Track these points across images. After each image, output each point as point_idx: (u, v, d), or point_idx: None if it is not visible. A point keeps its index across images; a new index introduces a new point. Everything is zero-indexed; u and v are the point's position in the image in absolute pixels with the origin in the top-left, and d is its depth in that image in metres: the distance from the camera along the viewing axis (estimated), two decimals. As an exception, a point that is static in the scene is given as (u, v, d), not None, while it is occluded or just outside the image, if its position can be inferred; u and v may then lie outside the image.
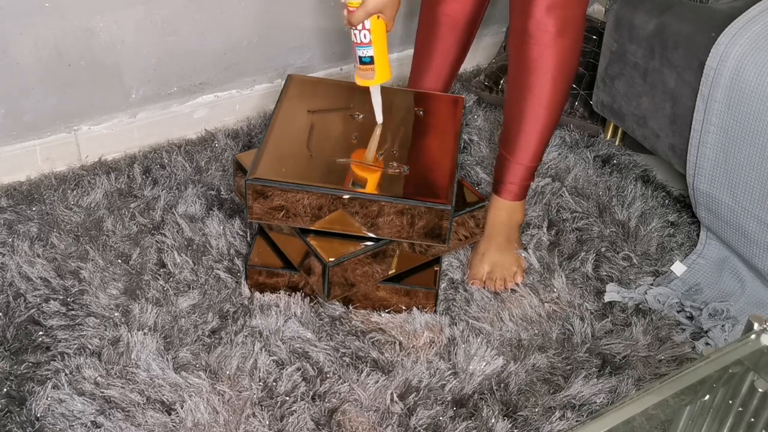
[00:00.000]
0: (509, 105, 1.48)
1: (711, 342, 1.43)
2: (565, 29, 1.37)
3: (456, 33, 1.61)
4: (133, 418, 1.24)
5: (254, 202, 1.35)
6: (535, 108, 1.45)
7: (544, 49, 1.39)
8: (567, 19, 1.37)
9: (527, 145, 1.49)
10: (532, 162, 1.51)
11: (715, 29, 1.49)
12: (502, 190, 1.54)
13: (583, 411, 1.30)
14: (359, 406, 1.28)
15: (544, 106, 1.44)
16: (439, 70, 1.66)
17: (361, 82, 1.44)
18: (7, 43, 1.56)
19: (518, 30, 1.40)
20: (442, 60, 1.65)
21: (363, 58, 1.41)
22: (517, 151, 1.50)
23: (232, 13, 1.78)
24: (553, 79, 1.41)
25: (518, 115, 1.47)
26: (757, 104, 1.41)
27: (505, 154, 1.52)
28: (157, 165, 1.73)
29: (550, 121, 1.47)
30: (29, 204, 1.61)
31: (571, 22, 1.38)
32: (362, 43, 1.39)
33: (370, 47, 1.39)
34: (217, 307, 1.43)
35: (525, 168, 1.52)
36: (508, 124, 1.50)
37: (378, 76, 1.42)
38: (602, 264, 1.57)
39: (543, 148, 1.51)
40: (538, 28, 1.37)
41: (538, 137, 1.48)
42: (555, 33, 1.37)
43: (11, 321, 1.38)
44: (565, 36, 1.38)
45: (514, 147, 1.50)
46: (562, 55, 1.40)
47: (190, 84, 1.82)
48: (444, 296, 1.49)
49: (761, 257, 1.47)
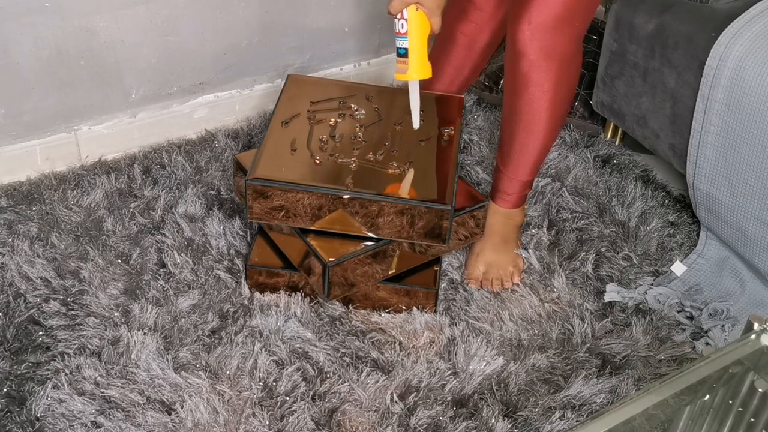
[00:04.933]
0: (505, 120, 1.48)
1: (711, 342, 1.43)
2: (552, 54, 1.35)
3: (471, 53, 1.59)
4: (133, 418, 1.24)
5: (254, 202, 1.35)
6: (532, 126, 1.43)
7: (532, 69, 1.37)
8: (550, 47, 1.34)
9: (520, 160, 1.48)
10: (526, 176, 1.51)
11: (715, 29, 1.49)
12: (499, 199, 1.55)
13: (583, 411, 1.30)
14: (359, 406, 1.28)
15: (542, 126, 1.43)
16: (448, 87, 1.64)
17: (397, 76, 1.39)
18: (7, 43, 1.56)
19: (510, 48, 1.39)
20: (452, 76, 1.63)
21: (399, 49, 1.36)
22: (511, 166, 1.50)
23: (232, 13, 1.78)
24: (545, 98, 1.39)
25: (511, 132, 1.46)
26: (757, 104, 1.41)
27: (502, 168, 1.52)
28: (157, 165, 1.73)
29: (542, 140, 1.45)
30: (29, 204, 1.61)
31: (557, 51, 1.35)
32: (399, 33, 1.35)
33: (405, 38, 1.34)
34: (217, 307, 1.42)
35: (520, 182, 1.52)
36: (505, 138, 1.49)
37: (411, 71, 1.37)
38: (602, 264, 1.57)
39: (537, 163, 1.49)
40: (524, 50, 1.36)
41: (532, 153, 1.47)
42: (542, 56, 1.35)
43: (11, 321, 1.38)
44: (552, 59, 1.36)
45: (508, 162, 1.50)
46: (553, 76, 1.37)
47: (190, 84, 1.82)
48: (444, 296, 1.49)
49: (761, 257, 1.47)
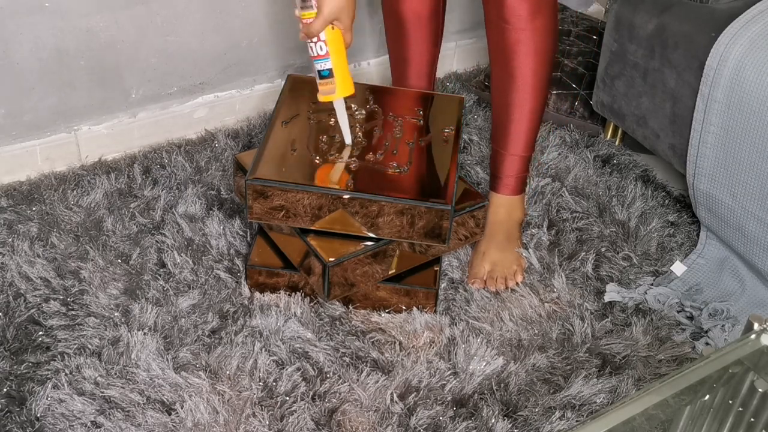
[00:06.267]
0: (496, 97, 1.50)
1: (711, 342, 1.43)
2: (538, 11, 1.39)
3: (423, 27, 1.61)
4: (133, 418, 1.24)
5: (254, 202, 1.35)
6: (521, 94, 1.46)
7: (520, 33, 1.40)
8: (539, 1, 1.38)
9: (518, 133, 1.50)
10: (525, 152, 1.52)
11: (715, 29, 1.49)
12: (500, 185, 1.55)
13: (583, 411, 1.30)
14: (359, 406, 1.28)
15: (529, 91, 1.46)
16: (419, 68, 1.66)
17: (323, 97, 1.39)
18: (7, 43, 1.56)
19: (493, 19, 1.42)
20: (418, 57, 1.65)
21: (321, 71, 1.36)
22: (510, 143, 1.51)
23: (232, 13, 1.78)
24: (533, 61, 1.43)
25: (505, 105, 1.48)
26: (757, 104, 1.41)
27: (498, 149, 1.53)
28: (157, 165, 1.73)
29: (536, 105, 1.48)
30: (29, 204, 1.61)
31: (544, 4, 1.40)
32: (319, 56, 1.35)
33: (328, 59, 1.35)
34: (217, 307, 1.42)
35: (519, 158, 1.52)
36: (497, 116, 1.51)
37: (339, 90, 1.38)
38: (602, 264, 1.57)
39: (534, 135, 1.52)
40: (512, 14, 1.39)
41: (528, 124, 1.49)
42: (528, 16, 1.39)
43: (11, 321, 1.38)
44: (538, 17, 1.40)
45: (506, 138, 1.51)
46: (539, 36, 1.41)
47: (190, 84, 1.82)
48: (444, 296, 1.49)
49: (761, 257, 1.47)
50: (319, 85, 1.39)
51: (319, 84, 1.39)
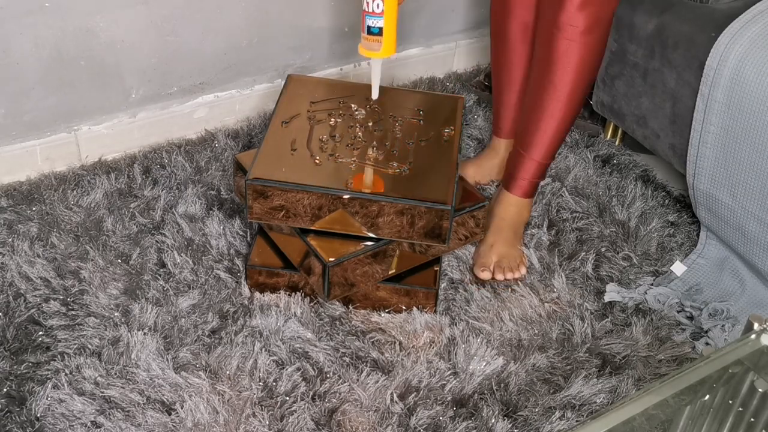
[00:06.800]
0: (529, 99, 1.50)
1: (711, 342, 1.43)
2: (594, 26, 1.40)
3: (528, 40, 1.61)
4: (133, 418, 1.24)
5: (254, 202, 1.35)
6: (555, 103, 1.47)
7: (570, 44, 1.41)
8: (599, 15, 1.39)
9: (543, 141, 1.51)
10: (545, 159, 1.54)
11: (715, 29, 1.49)
12: (513, 186, 1.56)
13: (583, 411, 1.30)
14: (359, 406, 1.28)
15: (564, 102, 1.47)
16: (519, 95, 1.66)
17: (365, 52, 1.42)
18: (7, 43, 1.56)
19: (548, 24, 1.42)
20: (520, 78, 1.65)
21: (372, 27, 1.38)
22: (533, 147, 1.52)
23: (232, 13, 1.78)
24: (575, 74, 1.44)
25: (537, 110, 1.49)
26: (757, 104, 1.41)
27: (520, 150, 1.54)
28: (157, 165, 1.73)
29: (568, 117, 1.49)
30: (29, 204, 1.61)
31: (602, 20, 1.40)
32: (374, 12, 1.37)
33: (381, 18, 1.37)
34: (217, 307, 1.42)
35: (538, 164, 1.54)
36: (527, 118, 1.52)
37: (384, 50, 1.40)
38: (602, 264, 1.57)
39: (558, 145, 1.53)
40: (567, 23, 1.39)
41: (555, 134, 1.50)
42: (584, 29, 1.40)
43: (11, 321, 1.38)
44: (593, 33, 1.41)
45: (530, 143, 1.52)
46: (588, 51, 1.42)
47: (190, 84, 1.82)
48: (444, 296, 1.49)
49: (761, 257, 1.47)
50: (364, 38, 1.40)
51: (364, 38, 1.40)
